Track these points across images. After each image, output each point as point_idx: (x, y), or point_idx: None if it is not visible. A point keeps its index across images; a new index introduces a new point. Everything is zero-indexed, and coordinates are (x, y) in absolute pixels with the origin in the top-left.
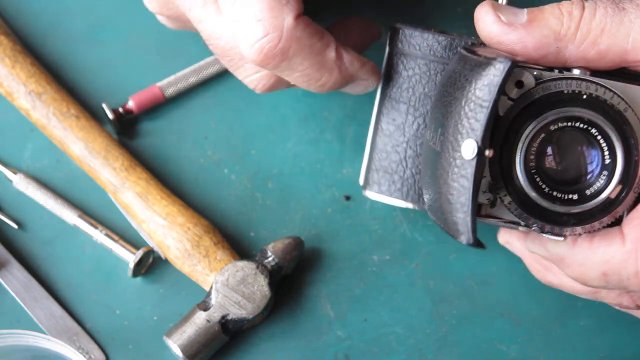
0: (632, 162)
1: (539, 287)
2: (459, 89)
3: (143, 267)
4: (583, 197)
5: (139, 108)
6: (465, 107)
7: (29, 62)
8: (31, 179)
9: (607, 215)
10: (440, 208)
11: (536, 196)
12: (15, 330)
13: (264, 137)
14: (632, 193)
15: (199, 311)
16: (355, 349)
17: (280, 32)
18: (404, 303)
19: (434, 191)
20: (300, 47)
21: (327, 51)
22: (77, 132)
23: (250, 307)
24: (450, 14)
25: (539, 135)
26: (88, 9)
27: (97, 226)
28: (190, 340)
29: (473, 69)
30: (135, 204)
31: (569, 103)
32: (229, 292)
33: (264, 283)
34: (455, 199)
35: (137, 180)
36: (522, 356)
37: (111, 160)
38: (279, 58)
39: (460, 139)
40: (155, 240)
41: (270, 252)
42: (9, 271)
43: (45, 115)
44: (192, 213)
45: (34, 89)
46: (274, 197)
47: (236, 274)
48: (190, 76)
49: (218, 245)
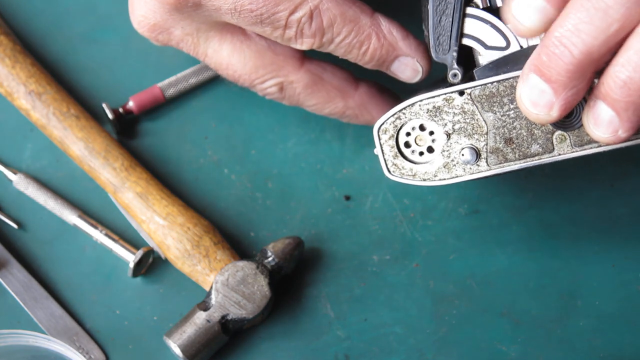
0: None
1: (539, 287)
2: None
3: (143, 267)
4: None
5: (139, 108)
6: None
7: (29, 62)
8: (31, 179)
9: None
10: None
11: None
12: (15, 330)
13: (264, 137)
14: None
15: (199, 311)
16: (355, 349)
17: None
18: (404, 303)
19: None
20: (333, 16)
21: (361, 16)
22: (77, 132)
23: (250, 307)
24: None
25: None
26: (88, 9)
27: (97, 226)
28: (190, 340)
29: None
30: (136, 204)
31: None
32: (229, 292)
33: (264, 283)
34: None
35: (137, 180)
36: (522, 356)
37: (111, 160)
38: (318, 34)
39: None
40: (156, 240)
41: (270, 252)
42: (9, 271)
43: (45, 115)
44: (192, 213)
45: (34, 89)
46: (274, 197)
47: (236, 274)
48: (190, 77)
49: (218, 245)
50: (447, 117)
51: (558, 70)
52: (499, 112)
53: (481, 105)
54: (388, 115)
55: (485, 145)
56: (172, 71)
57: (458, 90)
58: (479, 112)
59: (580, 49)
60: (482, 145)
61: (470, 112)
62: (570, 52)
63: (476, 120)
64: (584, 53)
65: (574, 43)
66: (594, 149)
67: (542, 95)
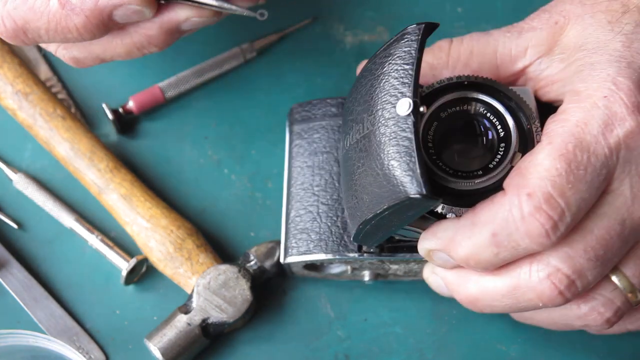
0: (525, 129)
1: None
2: (379, 69)
3: (136, 276)
4: (487, 170)
5: (139, 108)
6: (390, 78)
7: (16, 62)
8: (31, 179)
9: None
10: (377, 196)
11: (443, 177)
12: (15, 330)
13: (264, 137)
14: None
15: (180, 314)
16: (355, 349)
17: None
18: (404, 303)
19: (368, 183)
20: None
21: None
22: (63, 132)
23: (231, 310)
24: (450, 14)
25: (431, 124)
26: None
27: (92, 231)
28: (170, 343)
29: (387, 48)
30: (119, 205)
31: (452, 89)
32: (210, 296)
33: (246, 287)
34: (400, 157)
35: (121, 182)
36: (522, 356)
37: (96, 161)
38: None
39: (395, 100)
40: (139, 243)
41: (253, 255)
42: (9, 271)
43: (32, 115)
44: (175, 215)
45: (20, 89)
46: (274, 197)
47: (218, 277)
48: (191, 78)
49: (201, 249)
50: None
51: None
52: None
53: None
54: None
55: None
56: (172, 71)
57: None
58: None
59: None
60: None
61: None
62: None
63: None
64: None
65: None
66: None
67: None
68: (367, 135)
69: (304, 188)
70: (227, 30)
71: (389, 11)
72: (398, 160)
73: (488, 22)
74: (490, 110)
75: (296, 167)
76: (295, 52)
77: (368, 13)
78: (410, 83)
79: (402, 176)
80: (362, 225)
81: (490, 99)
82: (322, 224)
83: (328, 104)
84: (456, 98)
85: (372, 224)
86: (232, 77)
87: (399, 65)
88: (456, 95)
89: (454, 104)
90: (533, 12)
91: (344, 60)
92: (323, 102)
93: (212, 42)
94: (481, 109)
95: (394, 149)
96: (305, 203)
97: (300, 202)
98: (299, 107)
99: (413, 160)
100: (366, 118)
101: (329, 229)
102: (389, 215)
